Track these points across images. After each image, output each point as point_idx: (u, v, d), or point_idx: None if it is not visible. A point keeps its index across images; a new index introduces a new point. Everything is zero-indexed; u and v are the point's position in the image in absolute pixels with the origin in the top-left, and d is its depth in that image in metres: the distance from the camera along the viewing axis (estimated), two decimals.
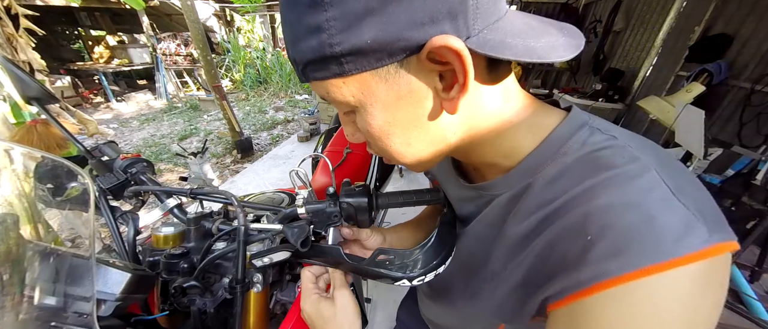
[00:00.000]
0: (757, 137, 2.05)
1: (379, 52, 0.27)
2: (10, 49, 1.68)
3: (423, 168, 0.40)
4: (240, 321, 0.52)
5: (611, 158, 0.30)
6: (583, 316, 0.27)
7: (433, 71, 0.29)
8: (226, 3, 8.06)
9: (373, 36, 0.26)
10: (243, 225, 0.51)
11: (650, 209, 0.26)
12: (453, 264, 0.48)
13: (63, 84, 6.08)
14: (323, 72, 0.29)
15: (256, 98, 7.14)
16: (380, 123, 0.32)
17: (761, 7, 2.16)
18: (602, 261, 0.26)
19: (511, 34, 0.28)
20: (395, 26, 0.25)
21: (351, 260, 0.47)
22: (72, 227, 2.03)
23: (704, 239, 0.24)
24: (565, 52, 0.29)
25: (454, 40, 0.26)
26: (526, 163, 0.35)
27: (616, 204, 0.27)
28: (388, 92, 0.30)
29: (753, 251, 1.52)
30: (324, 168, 1.31)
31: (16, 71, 0.61)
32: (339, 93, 0.31)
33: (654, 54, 3.12)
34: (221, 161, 3.88)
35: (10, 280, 0.41)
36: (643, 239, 0.25)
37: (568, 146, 0.33)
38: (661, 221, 0.25)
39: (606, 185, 0.28)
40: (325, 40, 0.27)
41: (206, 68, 3.44)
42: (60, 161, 0.53)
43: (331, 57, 0.28)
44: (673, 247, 0.24)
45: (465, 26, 0.27)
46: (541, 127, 0.35)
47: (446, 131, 0.34)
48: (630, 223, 0.26)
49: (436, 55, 0.27)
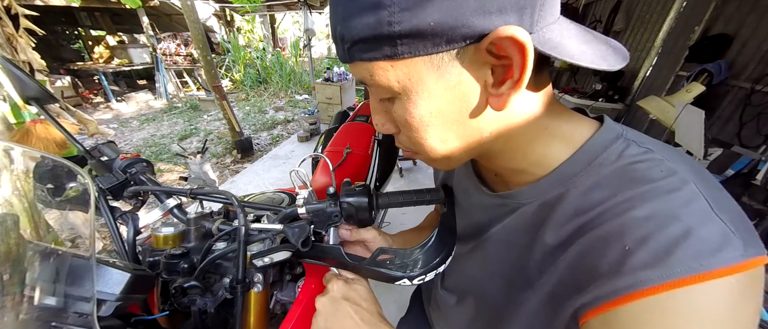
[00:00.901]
0: (757, 137, 2.05)
1: (438, 37, 0.26)
2: (10, 49, 1.68)
3: (449, 166, 0.39)
4: (240, 321, 0.52)
5: (649, 171, 0.30)
6: (618, 324, 0.27)
7: (487, 65, 0.28)
8: (226, 3, 8.06)
9: (437, 18, 0.25)
10: (243, 225, 0.51)
11: (690, 221, 0.26)
12: (485, 272, 0.47)
13: (63, 84, 6.07)
14: (373, 53, 0.28)
15: (256, 98, 7.14)
16: (422, 113, 0.31)
17: (761, 7, 2.16)
18: (640, 270, 0.26)
19: (567, 36, 0.28)
20: (462, 11, 0.24)
21: (351, 259, 0.47)
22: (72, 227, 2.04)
23: (740, 252, 0.25)
24: (615, 61, 0.29)
25: (520, 32, 0.25)
26: (559, 172, 0.35)
27: (657, 215, 0.27)
28: (436, 81, 0.29)
29: None
30: (324, 168, 1.31)
31: (15, 71, 0.61)
32: (384, 77, 0.29)
33: (654, 54, 3.12)
34: (221, 161, 3.88)
35: (11, 280, 0.41)
36: (682, 250, 0.25)
37: (604, 158, 0.33)
38: (701, 234, 0.25)
39: (645, 198, 0.28)
40: (384, 17, 0.25)
41: (206, 68, 3.44)
42: (60, 161, 0.53)
43: (386, 37, 0.26)
44: (711, 259, 0.24)
45: (530, 21, 0.26)
46: (574, 137, 0.35)
47: (483, 130, 0.33)
48: (670, 234, 0.26)
49: (495, 47, 0.26)
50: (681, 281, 0.25)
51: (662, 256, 0.25)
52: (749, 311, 0.25)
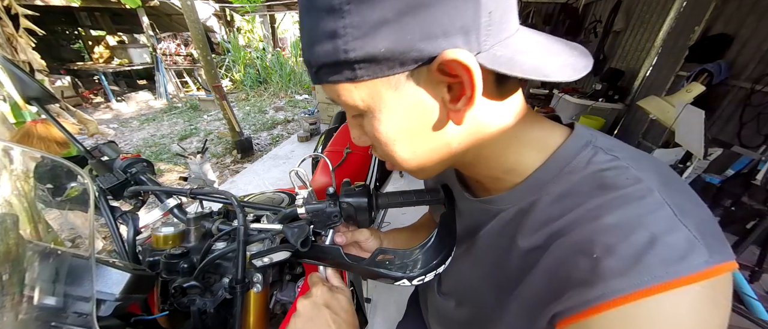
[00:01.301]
0: (757, 137, 2.05)
1: (391, 61, 0.28)
2: (10, 49, 1.68)
3: (425, 176, 0.41)
4: (240, 321, 0.52)
5: (615, 179, 0.30)
6: None
7: (442, 83, 0.30)
8: (226, 3, 8.06)
9: (386, 45, 0.27)
10: (243, 225, 0.51)
11: (655, 229, 0.26)
12: (474, 275, 0.48)
13: (63, 84, 6.08)
14: (336, 76, 0.30)
15: (256, 98, 7.14)
16: (387, 129, 0.33)
17: (761, 7, 2.16)
18: (609, 279, 0.27)
19: (521, 51, 0.29)
20: (409, 38, 0.26)
21: (351, 260, 0.47)
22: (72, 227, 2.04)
23: (705, 259, 0.25)
24: (574, 72, 0.30)
25: (464, 55, 0.26)
26: (532, 180, 0.36)
27: (623, 224, 0.28)
28: (396, 100, 0.31)
29: (753, 251, 1.52)
30: (324, 168, 1.31)
31: (15, 71, 0.61)
32: (349, 97, 0.32)
33: (654, 54, 3.13)
34: (221, 161, 3.88)
35: (10, 280, 0.41)
36: (649, 258, 0.26)
37: (573, 165, 0.34)
38: (666, 241, 0.26)
39: (612, 205, 0.29)
40: (340, 45, 0.28)
41: (206, 68, 3.44)
42: (60, 161, 0.53)
43: (344, 62, 0.29)
44: (677, 267, 0.25)
45: (477, 41, 0.28)
46: (546, 144, 0.36)
47: (451, 141, 0.34)
48: (636, 242, 0.26)
49: (446, 67, 0.28)
50: (648, 290, 0.25)
51: (629, 265, 0.26)
52: (717, 318, 0.26)
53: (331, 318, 0.43)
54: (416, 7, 0.25)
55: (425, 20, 0.26)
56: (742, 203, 1.69)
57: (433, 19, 0.26)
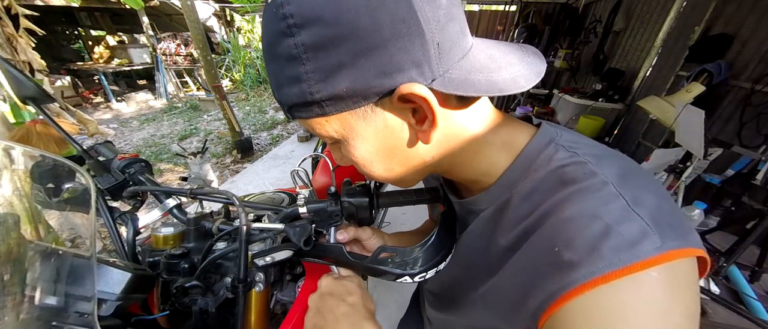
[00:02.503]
0: (757, 137, 2.05)
1: (354, 97, 0.30)
2: (10, 49, 1.68)
3: (407, 185, 0.44)
4: (242, 320, 0.52)
5: (574, 174, 0.32)
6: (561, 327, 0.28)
7: (406, 108, 0.32)
8: (226, 3, 8.06)
9: (347, 85, 0.29)
10: (245, 224, 0.51)
11: (609, 220, 0.28)
12: (457, 272, 0.49)
13: (63, 84, 6.07)
14: (307, 113, 0.33)
15: (256, 98, 7.14)
16: (362, 153, 0.36)
17: (761, 7, 2.16)
18: (567, 271, 0.28)
19: (475, 69, 0.31)
20: (366, 77, 0.29)
21: (353, 258, 0.47)
22: (72, 227, 2.03)
23: (656, 246, 0.26)
24: (526, 82, 0.32)
25: (419, 88, 0.29)
26: (503, 180, 0.38)
27: (577, 217, 0.29)
28: (366, 128, 0.33)
29: (753, 251, 1.52)
30: (324, 168, 1.31)
31: (12, 71, 0.61)
32: (323, 129, 0.34)
33: (654, 54, 3.13)
34: (221, 161, 3.88)
35: (11, 280, 0.41)
36: (603, 247, 0.27)
37: (538, 163, 0.35)
38: (619, 231, 0.27)
39: (569, 199, 0.31)
40: (305, 88, 0.30)
41: (206, 68, 3.44)
42: (60, 160, 0.53)
43: (312, 102, 0.31)
44: (629, 254, 0.26)
45: (430, 71, 0.30)
46: (514, 145, 0.38)
47: (424, 156, 0.37)
48: (592, 233, 0.28)
49: (405, 97, 0.30)
50: (604, 277, 0.26)
51: (585, 255, 0.27)
52: (680, 304, 0.26)
53: (335, 303, 0.43)
54: (369, 50, 0.28)
55: (379, 60, 0.28)
56: (742, 203, 1.69)
57: (386, 59, 0.28)
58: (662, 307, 0.25)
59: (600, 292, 0.26)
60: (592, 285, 0.26)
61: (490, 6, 6.39)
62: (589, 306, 0.26)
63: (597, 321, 0.26)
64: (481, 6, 6.48)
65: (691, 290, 0.27)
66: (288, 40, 0.28)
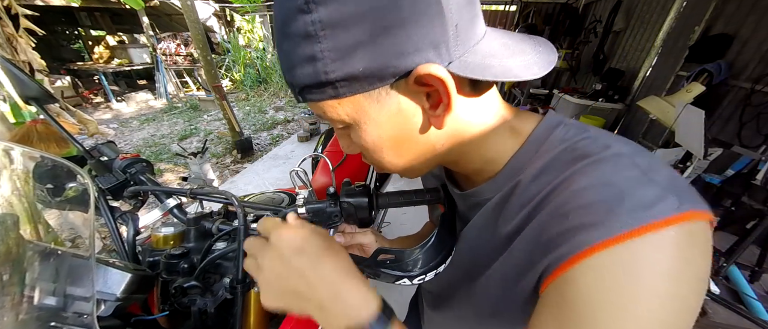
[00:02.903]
0: (757, 137, 2.05)
1: (370, 78, 0.29)
2: (10, 49, 1.68)
3: (415, 175, 0.43)
4: (240, 320, 0.52)
5: (587, 148, 0.32)
6: (566, 289, 0.28)
7: (421, 92, 0.32)
8: (226, 3, 8.06)
9: (364, 65, 0.28)
10: (244, 225, 0.51)
11: (624, 186, 0.28)
12: (456, 271, 0.48)
13: (63, 84, 6.08)
14: (319, 95, 0.32)
15: (256, 98, 7.14)
16: (373, 138, 0.35)
17: (761, 7, 2.16)
18: (580, 233, 0.28)
19: (490, 55, 0.31)
20: (384, 56, 0.28)
21: (352, 259, 0.47)
22: (72, 227, 2.04)
23: (675, 206, 0.26)
24: (539, 69, 0.32)
25: (436, 68, 0.29)
26: (511, 164, 0.37)
27: (593, 184, 0.29)
28: (379, 112, 0.33)
29: (753, 251, 1.51)
30: (324, 168, 1.31)
31: (14, 71, 0.61)
32: (334, 113, 0.33)
33: (654, 54, 3.13)
34: (221, 161, 3.88)
35: (10, 280, 0.41)
36: (617, 210, 0.26)
37: (549, 143, 0.35)
38: (634, 195, 0.27)
39: (585, 171, 0.30)
40: (320, 68, 0.29)
41: (206, 68, 3.44)
42: (60, 161, 0.53)
43: (326, 82, 0.30)
44: (646, 214, 0.26)
45: (447, 53, 0.29)
46: (521, 130, 0.37)
47: (435, 143, 0.36)
48: (605, 198, 0.28)
49: (421, 79, 0.30)
50: (618, 237, 0.26)
51: (600, 218, 0.27)
52: (692, 266, 0.25)
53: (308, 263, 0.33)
54: (388, 28, 0.27)
55: (397, 39, 0.28)
56: (742, 203, 1.69)
57: (404, 38, 0.28)
58: (676, 267, 0.25)
59: (613, 252, 0.26)
60: (604, 245, 0.26)
61: (490, 6, 6.39)
62: (601, 266, 0.26)
63: (607, 280, 0.26)
64: (481, 6, 6.47)
65: (706, 254, 0.26)
66: (305, 16, 0.27)
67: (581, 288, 0.27)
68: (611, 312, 0.25)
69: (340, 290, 0.32)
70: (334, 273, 0.33)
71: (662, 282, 0.25)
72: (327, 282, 0.33)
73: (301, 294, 0.33)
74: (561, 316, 0.28)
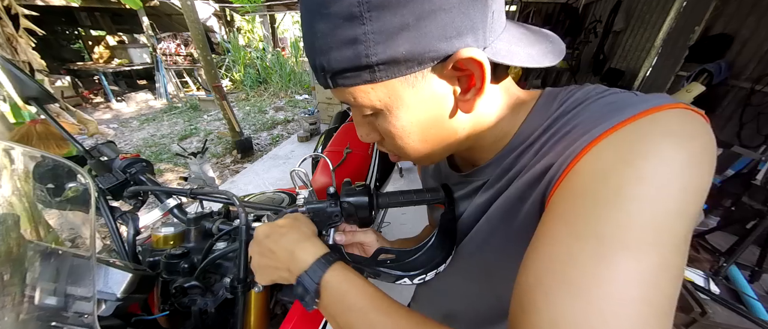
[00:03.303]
0: (757, 137, 2.05)
1: (410, 62, 0.30)
2: (10, 49, 1.68)
3: (431, 161, 0.43)
4: (242, 320, 0.52)
5: (587, 94, 0.34)
6: (577, 180, 0.28)
7: (454, 77, 0.32)
8: (226, 3, 8.06)
9: (407, 48, 0.28)
10: (245, 224, 0.51)
11: (626, 98, 0.30)
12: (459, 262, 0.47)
13: (63, 84, 6.07)
14: (354, 79, 0.31)
15: (256, 98, 7.14)
16: (403, 123, 0.35)
17: (761, 7, 2.16)
18: (587, 132, 0.29)
19: (514, 43, 0.33)
20: (427, 39, 0.28)
21: (352, 259, 0.47)
22: (72, 227, 2.03)
23: (672, 100, 0.28)
24: (555, 57, 0.34)
25: (478, 53, 0.29)
26: (515, 139, 0.38)
27: (599, 110, 0.30)
28: (413, 96, 0.33)
29: (753, 251, 1.52)
30: (324, 168, 1.31)
31: (14, 71, 0.61)
32: (366, 98, 0.33)
33: (654, 54, 3.12)
34: (221, 161, 3.88)
35: (11, 280, 0.41)
36: (619, 110, 0.28)
37: (555, 106, 0.36)
38: (634, 100, 0.29)
39: (589, 107, 0.32)
40: (361, 51, 0.29)
41: (206, 68, 3.44)
42: (60, 160, 0.53)
43: (365, 66, 0.30)
44: (647, 104, 0.27)
45: (483, 38, 0.30)
46: (526, 105, 0.39)
47: (458, 127, 0.37)
48: (611, 108, 0.29)
49: (458, 64, 0.30)
50: (621, 123, 0.27)
51: (603, 119, 0.28)
52: (697, 140, 0.25)
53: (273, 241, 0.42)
54: (434, 12, 0.27)
55: (442, 23, 0.28)
56: (742, 203, 1.69)
57: (449, 21, 0.28)
58: (682, 138, 0.25)
59: (617, 136, 0.26)
60: (608, 132, 0.27)
61: None
62: (606, 149, 0.26)
63: (613, 160, 0.26)
64: None
65: (709, 135, 0.26)
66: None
67: (588, 175, 0.27)
68: (622, 190, 0.24)
69: (294, 250, 0.40)
70: (291, 243, 0.41)
71: (679, 144, 0.24)
72: (286, 250, 0.40)
73: (274, 266, 0.42)
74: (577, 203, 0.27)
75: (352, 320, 0.34)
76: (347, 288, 0.36)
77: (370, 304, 0.34)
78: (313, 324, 0.60)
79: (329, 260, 0.38)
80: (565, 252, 0.25)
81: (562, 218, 0.27)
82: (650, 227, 0.23)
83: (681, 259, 0.24)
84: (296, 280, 0.39)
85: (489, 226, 0.41)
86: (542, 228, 0.29)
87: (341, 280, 0.36)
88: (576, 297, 0.23)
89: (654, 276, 0.23)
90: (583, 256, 0.24)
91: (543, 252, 0.27)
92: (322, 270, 0.37)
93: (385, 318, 0.33)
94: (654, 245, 0.23)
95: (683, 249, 0.24)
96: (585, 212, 0.26)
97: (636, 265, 0.23)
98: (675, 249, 0.24)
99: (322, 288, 0.36)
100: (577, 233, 0.25)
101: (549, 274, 0.26)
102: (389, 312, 0.33)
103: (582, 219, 0.25)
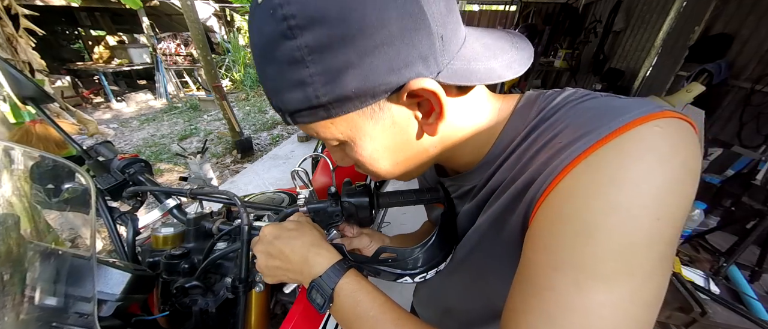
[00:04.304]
0: (757, 137, 2.05)
1: (363, 97, 0.30)
2: (10, 49, 1.68)
3: (409, 179, 0.44)
4: (243, 320, 0.52)
5: (566, 99, 0.33)
6: (559, 199, 0.28)
7: (413, 103, 0.32)
8: (226, 3, 8.06)
9: (356, 85, 0.29)
10: (247, 224, 0.51)
11: (603, 107, 0.29)
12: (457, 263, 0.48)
13: (63, 84, 6.07)
14: (311, 117, 0.32)
15: (256, 98, 7.14)
16: (369, 152, 0.35)
17: (761, 7, 2.16)
18: (568, 147, 0.28)
19: (473, 59, 0.32)
20: (375, 74, 0.28)
21: (353, 258, 0.47)
22: (72, 227, 2.03)
23: (655, 107, 0.27)
24: (520, 67, 0.33)
25: (428, 82, 0.29)
26: (497, 145, 0.38)
27: (576, 118, 0.30)
28: (374, 126, 0.33)
29: (753, 251, 1.51)
30: (324, 168, 1.31)
31: (11, 71, 0.61)
32: (328, 132, 0.34)
33: (654, 54, 3.12)
34: (221, 161, 3.88)
35: (11, 280, 0.41)
36: (600, 121, 0.27)
37: (532, 113, 0.35)
38: (615, 107, 0.28)
39: (565, 112, 0.31)
40: (310, 92, 0.29)
41: (206, 68, 3.44)
42: (60, 160, 0.53)
43: (317, 106, 0.30)
44: (630, 115, 0.26)
45: (435, 64, 0.30)
46: (505, 111, 0.38)
47: (428, 147, 0.37)
48: (590, 116, 0.29)
49: (414, 92, 0.30)
50: (606, 138, 0.26)
51: (587, 130, 0.28)
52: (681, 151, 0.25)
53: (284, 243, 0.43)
54: (377, 47, 0.27)
55: (387, 57, 0.28)
56: (742, 203, 1.69)
57: (394, 54, 0.28)
58: (667, 151, 0.25)
59: (601, 153, 0.26)
60: (592, 149, 0.26)
61: (490, 6, 6.39)
62: (591, 168, 0.26)
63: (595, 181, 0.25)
64: (481, 6, 6.47)
65: (695, 142, 0.26)
66: (289, 42, 0.27)
67: (566, 199, 0.27)
68: (596, 220, 0.25)
69: (307, 255, 0.41)
70: (304, 247, 0.42)
71: (656, 166, 0.24)
72: (298, 254, 0.41)
73: (285, 268, 0.42)
74: (555, 232, 0.27)
75: (364, 328, 0.36)
76: (361, 297, 0.37)
77: (381, 314, 0.36)
78: (313, 324, 0.60)
79: (343, 267, 0.39)
80: (544, 283, 0.27)
81: (544, 247, 0.28)
82: (621, 258, 0.24)
83: (656, 284, 0.25)
84: (309, 284, 0.40)
85: (478, 234, 0.41)
86: (527, 255, 0.30)
87: (355, 288, 0.38)
88: (553, 325, 0.25)
89: (626, 304, 0.24)
90: (560, 287, 0.26)
91: (527, 278, 0.29)
92: (337, 276, 0.38)
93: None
94: (627, 275, 0.24)
95: (659, 274, 0.25)
96: (563, 242, 0.26)
97: (608, 296, 0.24)
98: (647, 277, 0.25)
99: (336, 295, 0.38)
100: (556, 263, 0.27)
101: (531, 301, 0.27)
102: (398, 323, 0.35)
103: (560, 250, 0.27)
